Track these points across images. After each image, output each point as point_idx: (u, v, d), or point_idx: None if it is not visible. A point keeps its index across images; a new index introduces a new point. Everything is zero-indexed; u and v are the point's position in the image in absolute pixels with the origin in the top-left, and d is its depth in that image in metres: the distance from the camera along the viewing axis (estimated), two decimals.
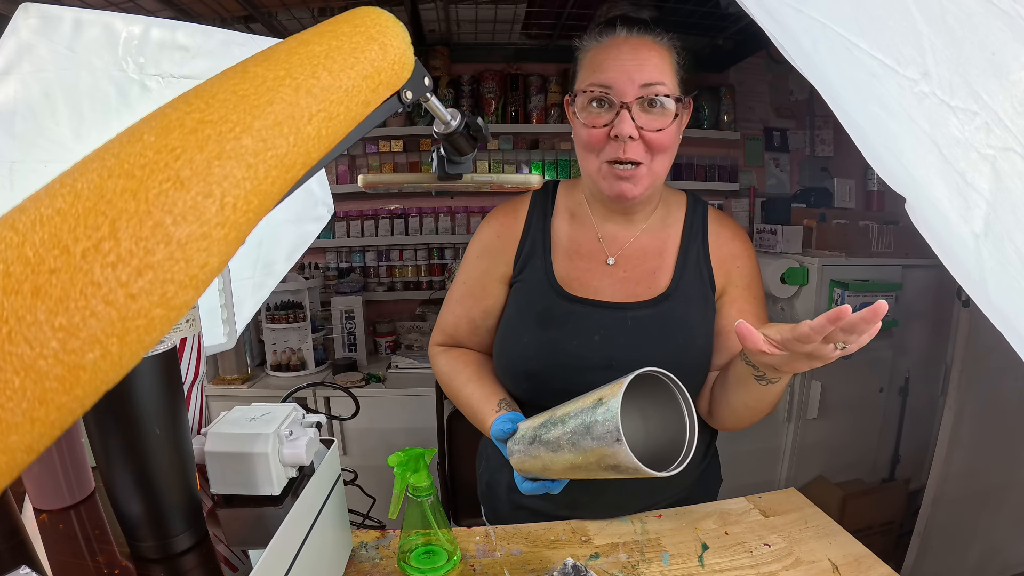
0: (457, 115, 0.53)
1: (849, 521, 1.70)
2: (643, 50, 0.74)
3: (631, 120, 0.73)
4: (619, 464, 0.57)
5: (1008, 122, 0.35)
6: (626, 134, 0.73)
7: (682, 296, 0.83)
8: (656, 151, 0.75)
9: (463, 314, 0.91)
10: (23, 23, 0.78)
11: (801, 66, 0.44)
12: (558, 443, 0.63)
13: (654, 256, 0.85)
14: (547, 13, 2.13)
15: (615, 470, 0.58)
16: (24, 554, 0.46)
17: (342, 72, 0.34)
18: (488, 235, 0.90)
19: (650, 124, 0.74)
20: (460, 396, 0.87)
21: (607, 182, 0.78)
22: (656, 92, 0.73)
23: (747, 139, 2.61)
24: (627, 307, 0.82)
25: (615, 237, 0.86)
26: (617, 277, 0.84)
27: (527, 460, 0.70)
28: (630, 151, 0.74)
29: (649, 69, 0.73)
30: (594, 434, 0.58)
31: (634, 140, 0.74)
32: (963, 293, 1.52)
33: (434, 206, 2.52)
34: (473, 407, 0.84)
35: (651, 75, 0.73)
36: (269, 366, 2.17)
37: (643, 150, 0.75)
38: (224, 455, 0.57)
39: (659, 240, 0.86)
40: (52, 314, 0.22)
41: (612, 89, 0.74)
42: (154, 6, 1.80)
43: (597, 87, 0.74)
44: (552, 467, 0.66)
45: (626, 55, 0.74)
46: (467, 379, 0.87)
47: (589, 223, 0.87)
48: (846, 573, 0.70)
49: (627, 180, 0.76)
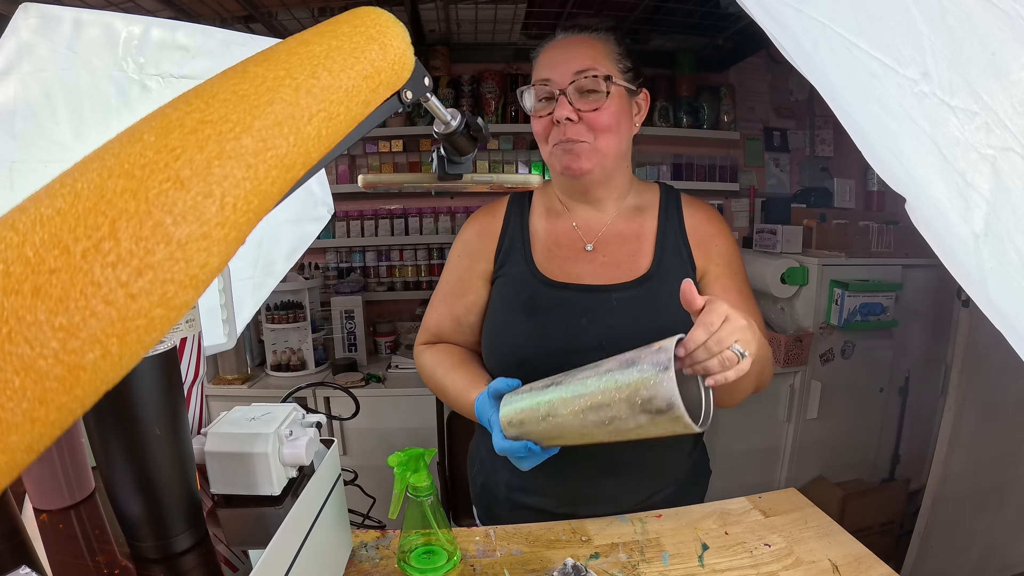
0: (457, 115, 0.53)
1: (849, 521, 1.70)
2: (576, 44, 0.82)
3: (568, 104, 0.80)
4: (654, 397, 0.55)
5: (1008, 122, 0.35)
6: (563, 116, 0.80)
7: (664, 276, 0.85)
8: (599, 130, 0.81)
9: (447, 312, 0.93)
10: (23, 23, 0.78)
11: (801, 66, 0.44)
12: (584, 381, 0.62)
13: (632, 240, 0.88)
14: (547, 13, 2.13)
15: (643, 410, 0.56)
16: (24, 554, 0.46)
17: (342, 72, 0.34)
18: (469, 235, 0.94)
19: (586, 106, 0.80)
20: (445, 383, 0.88)
21: (557, 159, 0.84)
22: (588, 76, 0.79)
23: (747, 139, 2.61)
24: (611, 288, 0.85)
25: (589, 224, 0.90)
26: (598, 262, 0.87)
27: (527, 410, 0.67)
28: (571, 132, 0.81)
29: (581, 58, 0.80)
30: (639, 364, 0.57)
31: (573, 122, 0.80)
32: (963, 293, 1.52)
33: (434, 206, 2.52)
34: (459, 388, 0.84)
35: (583, 63, 0.80)
36: (269, 366, 2.17)
37: (585, 130, 0.81)
38: (224, 455, 0.57)
39: (635, 224, 0.89)
40: (52, 314, 0.22)
41: (551, 80, 0.81)
42: (154, 6, 1.80)
43: (539, 81, 0.83)
44: (559, 413, 0.63)
45: (561, 50, 0.83)
46: (451, 366, 0.88)
47: (564, 215, 0.91)
48: (846, 573, 0.70)
49: (572, 154, 0.82)
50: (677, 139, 2.52)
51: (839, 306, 2.06)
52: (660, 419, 0.56)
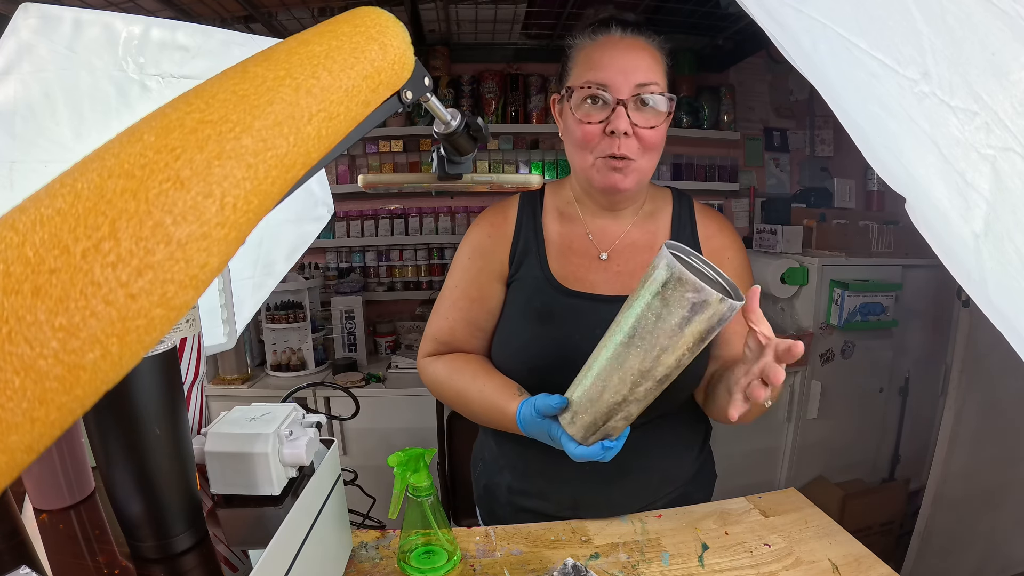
0: (457, 115, 0.53)
1: (849, 521, 1.70)
2: (637, 50, 0.77)
3: (627, 117, 0.75)
4: (703, 303, 0.54)
5: (1008, 122, 0.35)
6: (622, 130, 0.75)
7: None
8: (647, 148, 0.78)
9: (460, 317, 0.88)
10: (23, 23, 0.78)
11: (801, 66, 0.44)
12: (610, 337, 0.61)
13: (645, 249, 0.87)
14: (547, 13, 2.13)
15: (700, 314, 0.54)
16: (24, 554, 0.46)
17: (342, 72, 0.34)
18: (478, 236, 0.89)
19: (643, 122, 0.76)
20: (469, 392, 0.83)
21: (600, 174, 0.79)
22: (650, 91, 0.76)
23: (747, 139, 2.61)
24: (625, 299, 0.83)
25: (605, 233, 0.87)
26: (612, 272, 0.85)
27: (585, 409, 0.64)
28: (624, 147, 0.76)
29: (644, 69, 0.76)
30: (641, 281, 0.57)
31: (628, 136, 0.76)
32: (963, 293, 1.52)
33: (434, 206, 2.52)
34: (488, 399, 0.80)
35: (645, 75, 0.76)
36: (269, 366, 2.17)
37: (636, 146, 0.77)
38: (224, 455, 0.57)
39: (648, 234, 0.88)
40: (52, 314, 0.22)
41: (608, 87, 0.75)
42: (154, 6, 1.80)
43: (594, 84, 0.76)
44: (620, 385, 0.61)
45: (621, 54, 0.76)
46: (473, 374, 0.84)
47: (579, 221, 0.88)
48: (846, 573, 0.70)
49: (619, 172, 0.78)
50: (677, 139, 2.52)
51: (839, 306, 2.06)
52: (684, 304, 0.54)
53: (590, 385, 0.64)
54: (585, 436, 0.66)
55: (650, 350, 0.58)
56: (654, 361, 0.58)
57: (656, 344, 0.57)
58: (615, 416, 0.64)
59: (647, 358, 0.58)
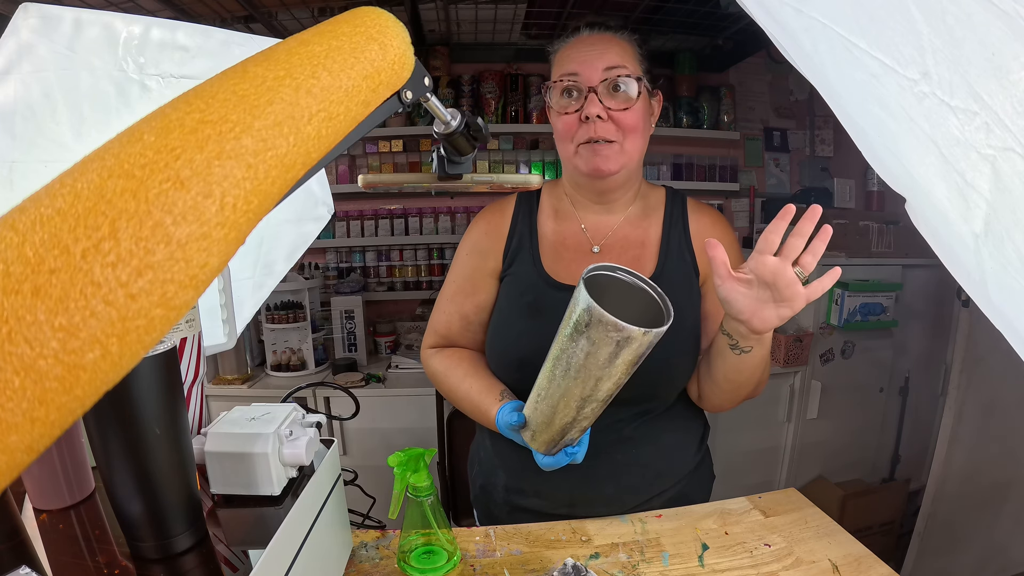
0: (457, 115, 0.53)
1: (849, 521, 1.70)
2: (605, 41, 0.81)
3: (599, 102, 0.78)
4: (626, 339, 0.55)
5: (1008, 122, 0.35)
6: (595, 113, 0.78)
7: (667, 281, 0.84)
8: (627, 130, 0.80)
9: (455, 311, 0.93)
10: (23, 23, 0.78)
11: (801, 66, 0.44)
12: (563, 384, 0.62)
13: (636, 245, 0.88)
14: (547, 13, 2.13)
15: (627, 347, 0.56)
16: (24, 554, 0.46)
17: (342, 72, 0.34)
18: (477, 233, 0.93)
19: (616, 105, 0.79)
20: (458, 391, 0.88)
21: (583, 159, 0.82)
22: (619, 74, 0.79)
23: (747, 139, 2.61)
24: None
25: (598, 226, 0.90)
26: None
27: (542, 430, 0.68)
28: (600, 130, 0.79)
29: (611, 55, 0.79)
30: (588, 335, 0.57)
31: (603, 120, 0.79)
32: (963, 293, 1.52)
33: (434, 206, 2.52)
34: (473, 400, 0.85)
35: (613, 60, 0.79)
36: (269, 366, 2.17)
37: (614, 129, 0.80)
38: (224, 455, 0.57)
39: (640, 229, 0.89)
40: (52, 314, 0.22)
41: (579, 75, 0.80)
42: (154, 6, 1.80)
43: (566, 76, 0.81)
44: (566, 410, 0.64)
45: (590, 47, 0.81)
46: (464, 374, 0.88)
47: (572, 216, 0.91)
48: (846, 573, 0.70)
49: (601, 155, 0.81)
50: (677, 139, 2.52)
51: (839, 306, 2.06)
52: (609, 342, 0.56)
53: (543, 408, 0.67)
54: (548, 450, 0.71)
55: (587, 380, 0.61)
56: (593, 388, 0.61)
57: (591, 375, 0.60)
58: (571, 431, 0.68)
59: (586, 387, 0.62)
